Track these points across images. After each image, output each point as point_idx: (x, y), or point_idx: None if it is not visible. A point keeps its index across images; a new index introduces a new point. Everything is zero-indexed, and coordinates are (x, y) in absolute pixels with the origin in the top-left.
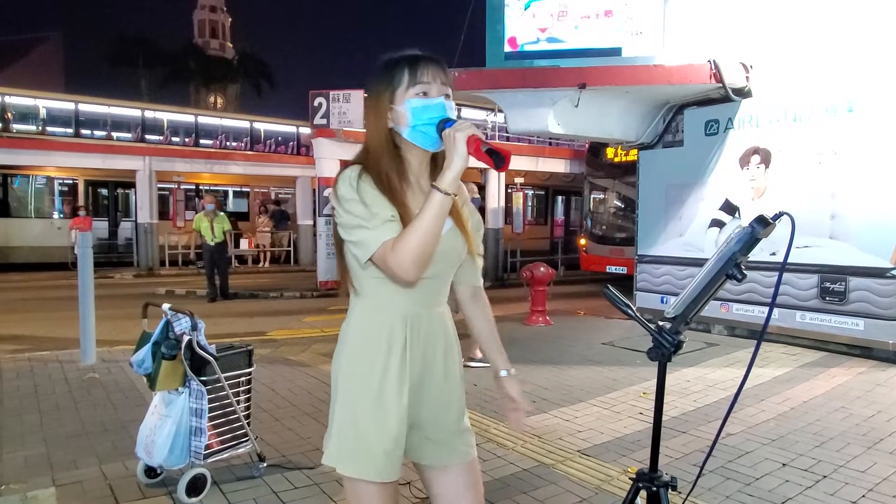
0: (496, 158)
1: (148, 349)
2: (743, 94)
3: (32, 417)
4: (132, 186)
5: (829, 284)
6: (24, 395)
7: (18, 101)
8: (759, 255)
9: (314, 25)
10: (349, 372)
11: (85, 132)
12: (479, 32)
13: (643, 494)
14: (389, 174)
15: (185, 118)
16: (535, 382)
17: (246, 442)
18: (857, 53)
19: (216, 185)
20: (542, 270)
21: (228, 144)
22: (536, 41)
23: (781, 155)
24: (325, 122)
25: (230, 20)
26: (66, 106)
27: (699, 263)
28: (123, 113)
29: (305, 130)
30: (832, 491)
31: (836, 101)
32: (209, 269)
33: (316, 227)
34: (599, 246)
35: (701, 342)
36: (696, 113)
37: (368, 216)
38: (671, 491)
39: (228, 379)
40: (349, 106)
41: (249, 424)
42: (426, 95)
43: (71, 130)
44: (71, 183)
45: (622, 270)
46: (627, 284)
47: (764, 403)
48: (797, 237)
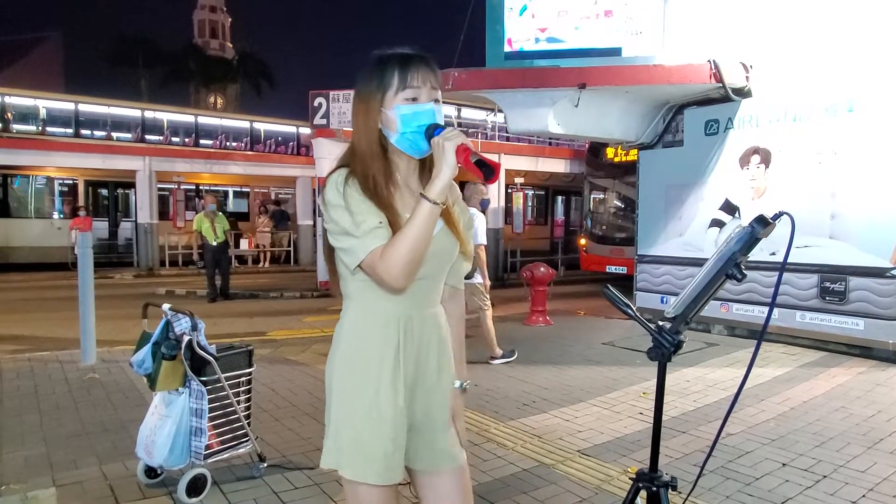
0: (485, 170)
1: (148, 349)
2: (743, 93)
3: (32, 417)
4: (132, 186)
5: (829, 284)
6: (24, 395)
7: (18, 101)
8: (759, 254)
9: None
10: (343, 374)
11: (85, 132)
12: (478, 32)
13: (643, 494)
14: (377, 178)
15: (185, 118)
16: (535, 382)
17: (246, 442)
18: (857, 53)
19: (216, 185)
20: (542, 270)
21: (228, 144)
22: (536, 41)
23: (781, 155)
24: (325, 122)
25: (230, 20)
26: (65, 106)
27: (699, 263)
28: (123, 113)
29: (305, 130)
30: (832, 491)
31: (836, 101)
32: (211, 269)
33: (316, 227)
34: (599, 246)
35: (701, 342)
36: (696, 113)
37: (356, 224)
38: (671, 491)
39: (228, 379)
40: (349, 106)
41: (249, 424)
42: (416, 101)
43: (71, 130)
44: (71, 183)
45: (622, 270)
46: (627, 284)
47: (764, 403)
48: (797, 237)
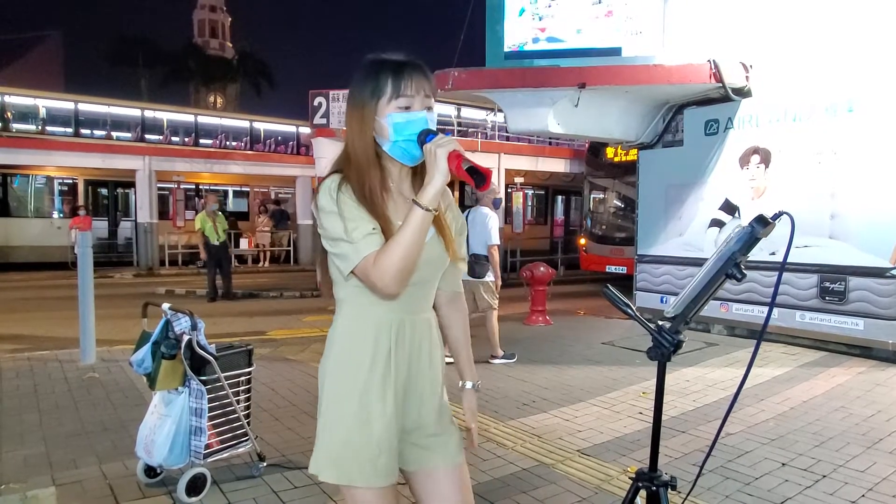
0: (477, 178)
1: (148, 349)
2: (743, 93)
3: (32, 417)
4: (132, 186)
5: (828, 284)
6: (23, 394)
7: (18, 100)
8: (758, 254)
9: (314, 25)
10: (334, 377)
11: (85, 132)
12: (478, 32)
13: (643, 494)
14: (371, 185)
15: (184, 118)
16: (535, 382)
17: (246, 441)
18: (857, 53)
19: (216, 184)
20: (541, 270)
21: (228, 144)
22: (536, 41)
23: (781, 155)
24: (324, 121)
25: (230, 20)
26: (65, 105)
27: (699, 263)
28: (123, 113)
29: (305, 130)
30: (832, 491)
31: (836, 101)
32: (212, 268)
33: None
34: (599, 246)
35: (700, 342)
36: (695, 112)
37: (349, 230)
38: (671, 490)
39: (228, 378)
40: None
41: (249, 424)
42: (409, 109)
43: (71, 130)
44: (71, 182)
45: (622, 270)
46: (627, 284)
47: (764, 403)
48: (797, 237)
